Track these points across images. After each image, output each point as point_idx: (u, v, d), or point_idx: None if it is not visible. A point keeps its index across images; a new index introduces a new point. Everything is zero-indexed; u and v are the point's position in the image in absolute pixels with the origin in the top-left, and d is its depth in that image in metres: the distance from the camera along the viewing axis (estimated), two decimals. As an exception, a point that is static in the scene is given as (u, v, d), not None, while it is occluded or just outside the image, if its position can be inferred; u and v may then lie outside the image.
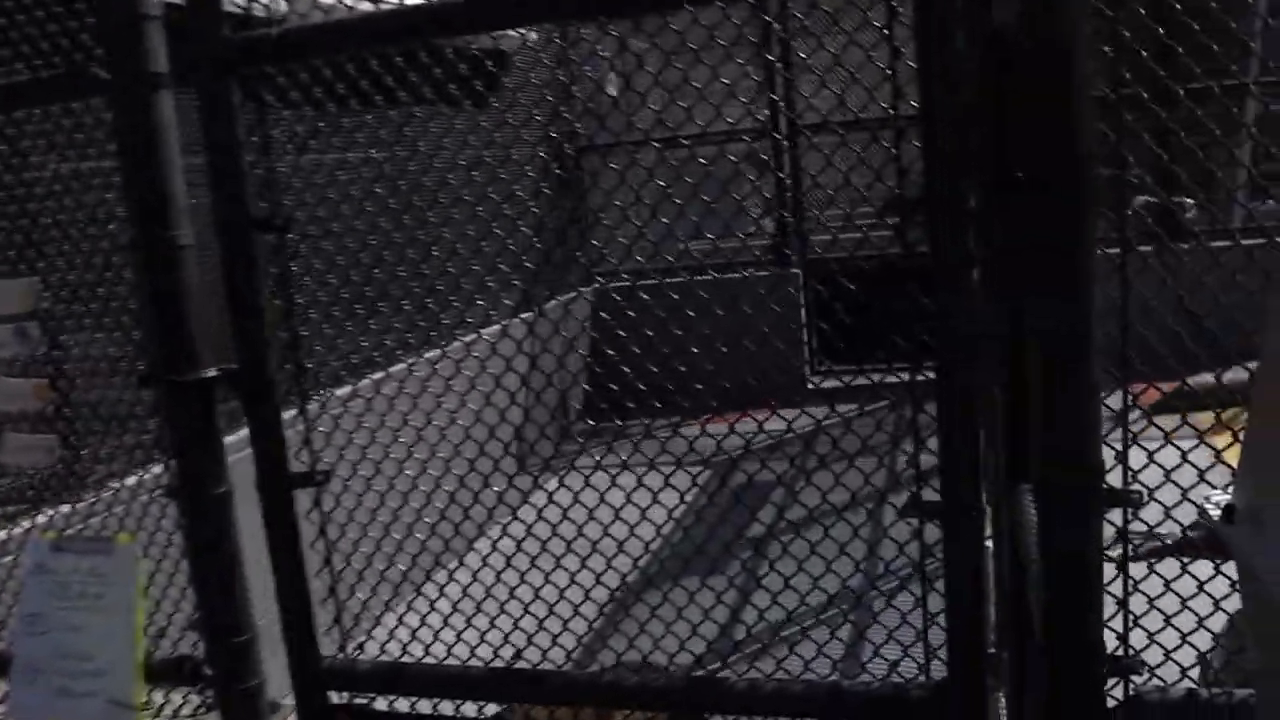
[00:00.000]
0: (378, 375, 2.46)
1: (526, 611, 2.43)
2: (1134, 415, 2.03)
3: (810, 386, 10.47)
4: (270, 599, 2.55)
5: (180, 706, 2.74)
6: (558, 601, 2.42)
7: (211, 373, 2.42)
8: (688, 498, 2.36)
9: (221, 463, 2.49)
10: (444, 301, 2.50)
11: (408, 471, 2.53)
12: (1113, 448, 1.99)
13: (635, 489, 2.31)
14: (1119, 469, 2.03)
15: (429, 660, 2.49)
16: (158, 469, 2.67)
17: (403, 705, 2.60)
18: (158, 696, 2.77)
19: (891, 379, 2.34)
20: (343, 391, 2.43)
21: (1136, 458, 2.04)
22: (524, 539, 2.39)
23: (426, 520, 2.53)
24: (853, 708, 2.19)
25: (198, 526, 2.50)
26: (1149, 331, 2.19)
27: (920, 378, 2.17)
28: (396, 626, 2.56)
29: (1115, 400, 2.01)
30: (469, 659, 2.50)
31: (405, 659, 2.52)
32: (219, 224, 2.39)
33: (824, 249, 9.16)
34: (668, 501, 2.32)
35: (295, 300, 2.42)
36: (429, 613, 2.52)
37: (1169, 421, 2.22)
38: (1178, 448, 2.08)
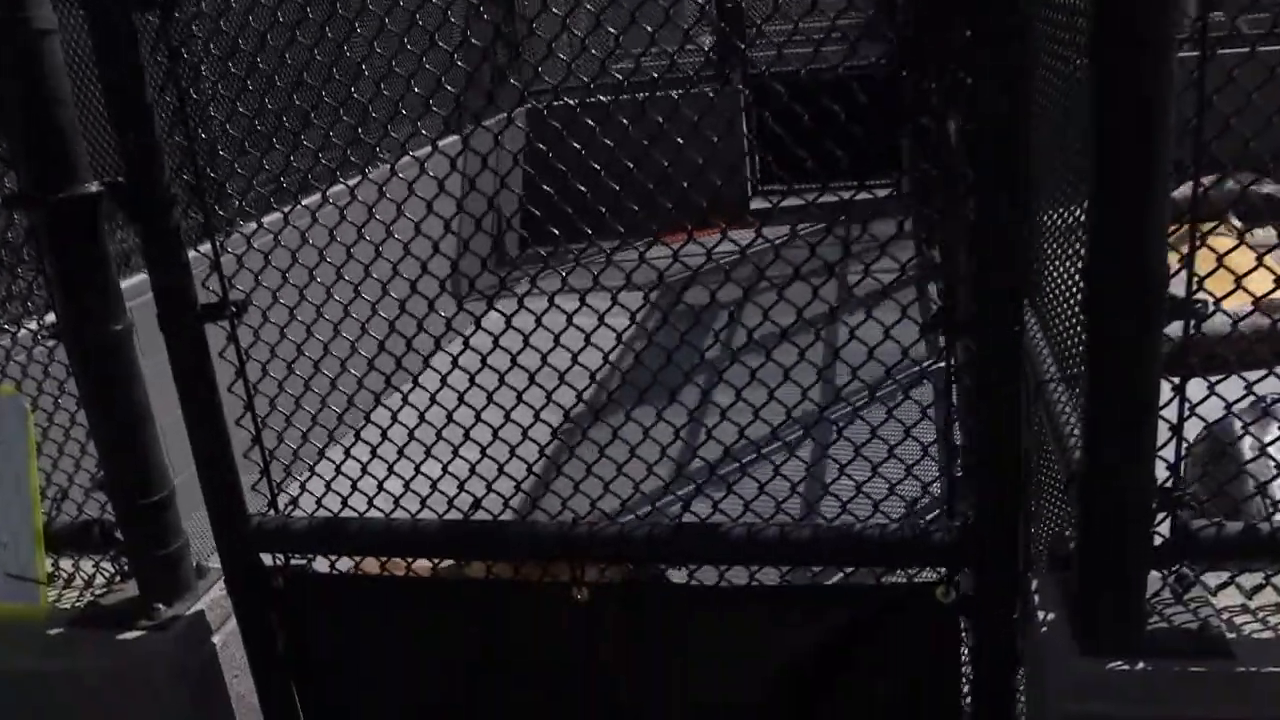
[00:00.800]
0: (291, 206, 2.06)
1: (457, 455, 2.11)
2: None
3: (755, 207, 10.15)
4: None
5: (92, 576, 2.41)
6: (492, 443, 2.10)
7: (93, 187, 2.01)
8: (630, 321, 2.02)
9: (115, 294, 2.10)
10: (365, 123, 2.08)
11: (331, 305, 2.15)
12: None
13: (578, 309, 1.96)
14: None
15: (374, 515, 2.18)
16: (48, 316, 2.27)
17: (345, 565, 2.30)
18: (65, 565, 2.44)
19: (859, 196, 1.99)
20: (269, 219, 2.04)
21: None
22: (450, 373, 2.05)
23: (361, 355, 2.17)
24: (866, 554, 1.93)
25: (92, 371, 2.12)
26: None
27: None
28: (334, 478, 2.23)
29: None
30: (420, 511, 2.19)
31: (346, 514, 2.21)
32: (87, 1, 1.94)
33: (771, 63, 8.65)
34: (615, 326, 1.98)
35: (190, 98, 1.98)
36: (370, 460, 2.19)
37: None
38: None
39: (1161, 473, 1.80)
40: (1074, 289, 2.17)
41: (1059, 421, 2.39)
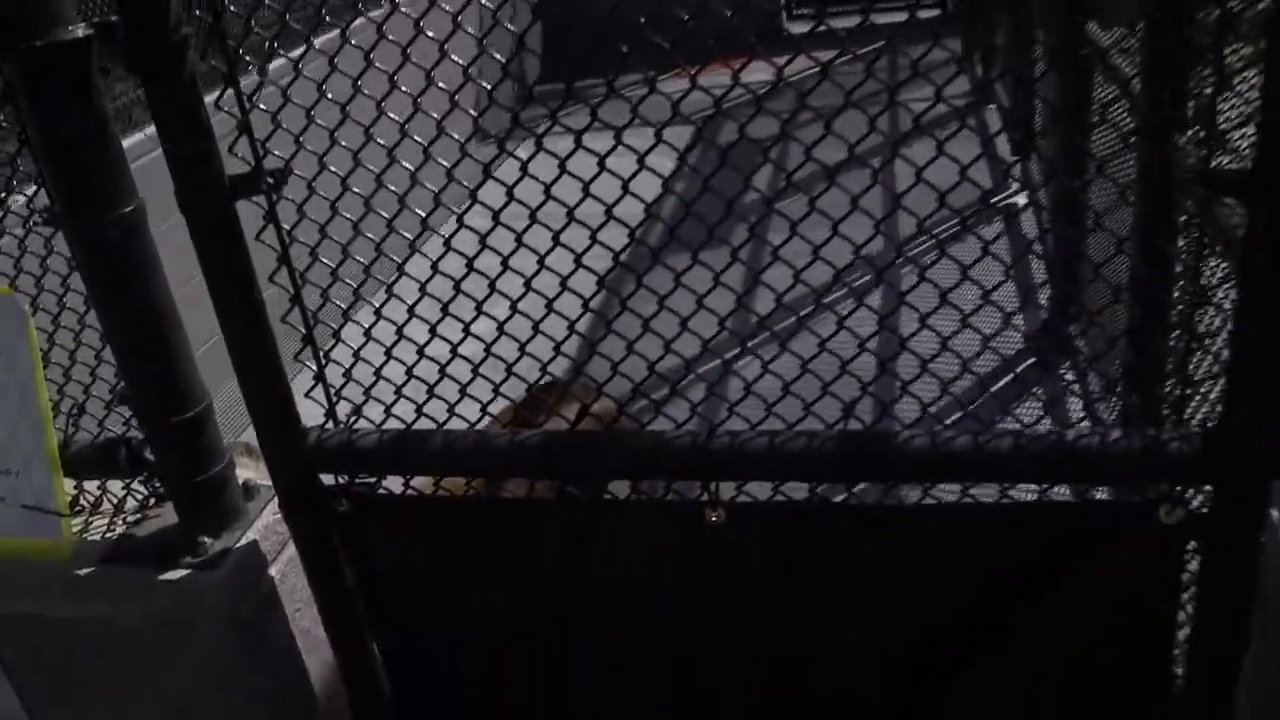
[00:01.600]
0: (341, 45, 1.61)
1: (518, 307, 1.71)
2: None
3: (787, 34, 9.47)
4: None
5: (122, 499, 2.05)
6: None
7: (80, 31, 1.56)
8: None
9: (120, 169, 1.68)
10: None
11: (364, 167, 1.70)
12: None
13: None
14: None
15: (455, 426, 1.80)
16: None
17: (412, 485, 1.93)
18: (90, 488, 2.09)
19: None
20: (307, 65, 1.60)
21: None
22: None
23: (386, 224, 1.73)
24: (1083, 469, 1.55)
25: (98, 266, 1.71)
26: None
27: None
28: (407, 382, 1.84)
29: None
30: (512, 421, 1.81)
31: (421, 424, 1.83)
32: None
33: None
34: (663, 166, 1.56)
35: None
36: (450, 361, 1.79)
37: None
38: None
39: None
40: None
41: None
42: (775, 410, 1.67)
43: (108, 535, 2.00)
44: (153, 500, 2.03)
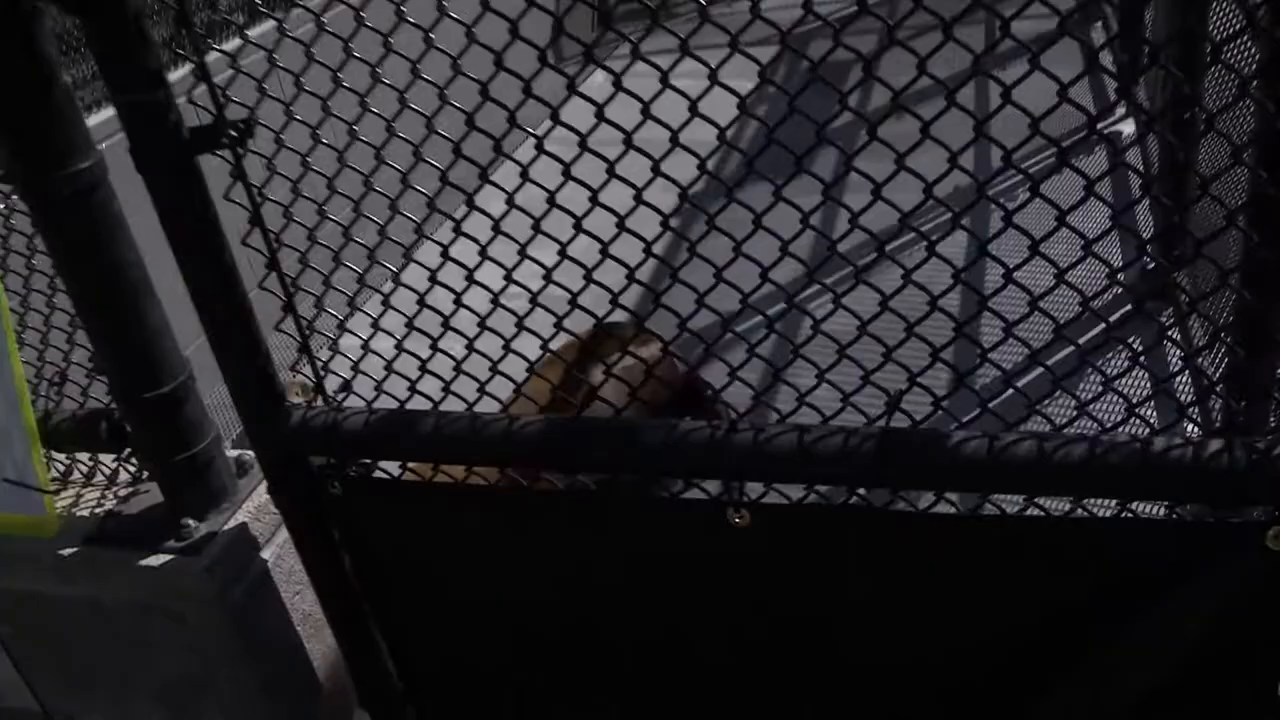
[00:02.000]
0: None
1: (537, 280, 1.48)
2: None
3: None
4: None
5: (114, 471, 1.92)
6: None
7: (13, -33, 1.37)
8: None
9: (72, 119, 1.50)
10: None
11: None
12: None
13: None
14: None
15: (452, 408, 1.60)
16: None
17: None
18: (83, 458, 1.96)
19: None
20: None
21: None
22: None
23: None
24: (1177, 485, 1.28)
25: (55, 226, 1.55)
26: None
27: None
28: (396, 358, 1.64)
29: None
30: (514, 401, 1.61)
31: (414, 402, 1.64)
32: None
33: None
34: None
35: None
36: (441, 338, 1.59)
37: None
38: None
39: None
40: None
41: None
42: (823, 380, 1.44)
43: (97, 510, 1.87)
44: (144, 473, 1.90)
